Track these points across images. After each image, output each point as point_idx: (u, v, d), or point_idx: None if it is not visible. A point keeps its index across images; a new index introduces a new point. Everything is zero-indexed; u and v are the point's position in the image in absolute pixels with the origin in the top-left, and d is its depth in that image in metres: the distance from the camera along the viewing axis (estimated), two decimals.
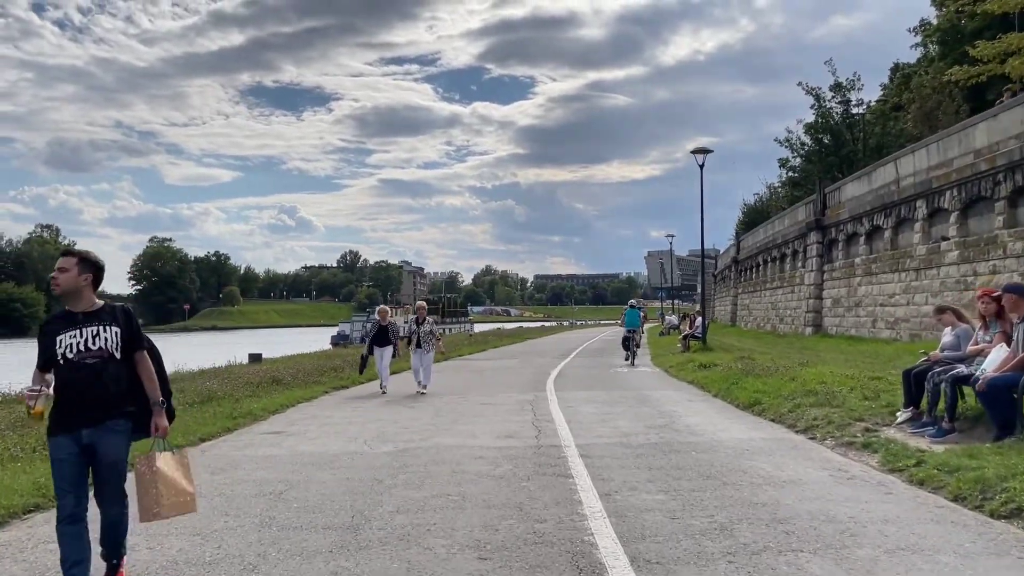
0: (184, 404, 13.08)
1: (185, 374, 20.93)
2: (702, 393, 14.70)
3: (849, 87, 43.24)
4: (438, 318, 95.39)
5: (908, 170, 24.50)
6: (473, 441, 9.68)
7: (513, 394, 15.36)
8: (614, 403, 13.39)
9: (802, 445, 8.93)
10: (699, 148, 26.09)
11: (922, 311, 23.09)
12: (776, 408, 11.14)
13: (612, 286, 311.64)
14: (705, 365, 18.92)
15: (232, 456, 9.14)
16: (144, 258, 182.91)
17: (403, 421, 11.68)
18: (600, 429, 10.45)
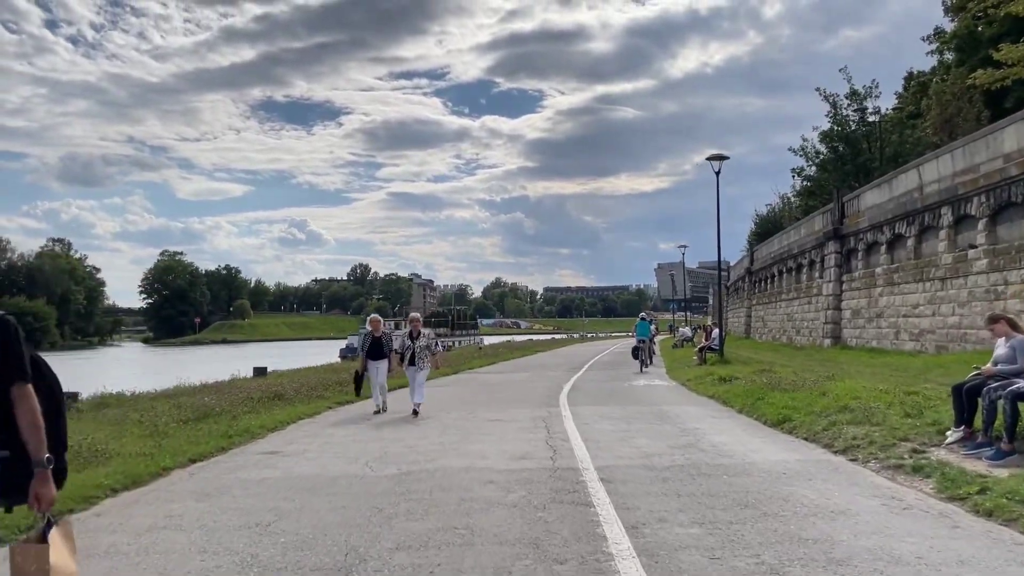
0: (178, 421, 12.45)
1: (186, 388, 20.27)
2: (725, 409, 13.90)
3: (866, 94, 42.35)
4: (447, 330, 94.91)
5: (932, 176, 23.69)
6: (483, 463, 8.94)
7: (525, 410, 14.60)
8: (632, 420, 12.61)
9: (844, 468, 8.15)
10: (715, 155, 25.36)
11: (948, 322, 22.25)
12: (809, 426, 10.35)
13: (622, 298, 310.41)
14: (725, 379, 18.13)
15: (222, 479, 8.42)
16: (155, 272, 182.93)
17: (408, 440, 10.94)
18: (620, 449, 9.69)
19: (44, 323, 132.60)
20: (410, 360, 14.32)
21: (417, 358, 14.29)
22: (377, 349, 14.71)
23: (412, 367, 14.28)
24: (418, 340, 14.48)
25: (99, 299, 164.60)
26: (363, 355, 15.02)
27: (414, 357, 14.29)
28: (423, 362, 14.38)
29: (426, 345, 14.54)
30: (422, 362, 14.35)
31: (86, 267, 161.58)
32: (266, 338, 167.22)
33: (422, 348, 14.42)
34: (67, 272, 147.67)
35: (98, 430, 11.50)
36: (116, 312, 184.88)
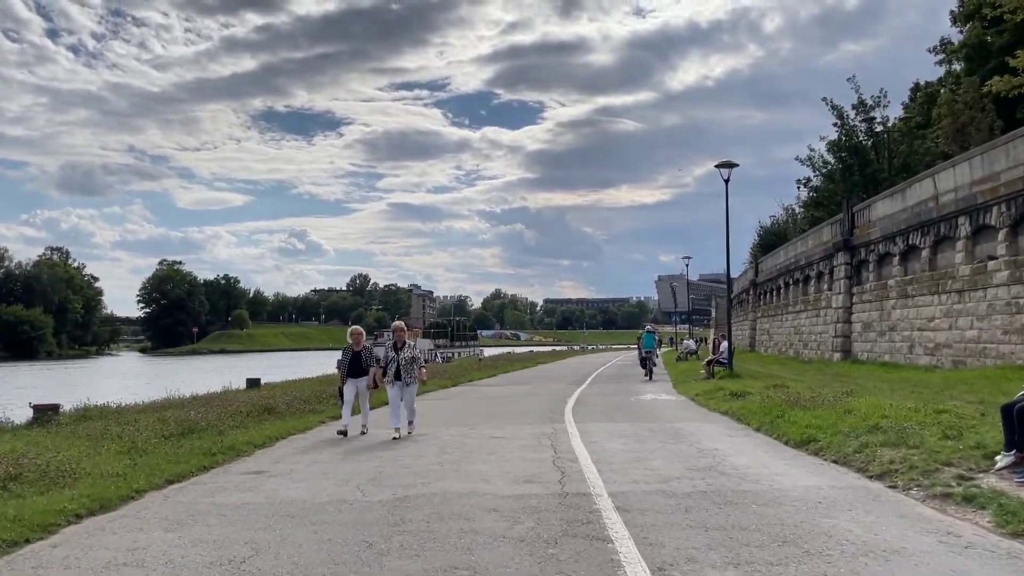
0: (160, 436, 11.69)
1: (175, 401, 19.49)
2: (741, 427, 13.12)
3: (874, 104, 41.73)
4: (447, 342, 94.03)
5: (948, 185, 22.97)
6: (485, 487, 8.16)
7: (528, 426, 13.83)
8: (644, 438, 11.84)
9: (884, 496, 7.37)
10: (724, 162, 24.64)
11: (966, 336, 21.50)
12: (838, 447, 9.57)
13: (622, 310, 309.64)
14: (737, 394, 17.35)
15: (198, 504, 7.64)
16: (153, 281, 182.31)
17: (405, 459, 10.17)
18: (634, 471, 8.91)
19: (41, 332, 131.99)
20: (395, 375, 12.60)
21: (404, 372, 12.57)
22: (357, 364, 13.03)
23: (397, 383, 12.59)
24: (403, 352, 12.73)
25: (97, 308, 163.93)
26: (342, 373, 13.08)
27: (400, 371, 12.57)
28: (411, 377, 12.66)
29: (412, 357, 12.78)
30: (410, 377, 12.63)
31: (84, 276, 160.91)
32: (264, 348, 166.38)
33: (408, 361, 12.66)
34: (65, 281, 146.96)
35: (72, 446, 10.74)
36: (114, 321, 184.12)
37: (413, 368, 12.75)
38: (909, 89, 54.68)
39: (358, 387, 13.02)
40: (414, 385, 12.81)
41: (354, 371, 13.01)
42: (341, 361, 13.17)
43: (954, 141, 32.58)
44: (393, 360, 12.69)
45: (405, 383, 12.62)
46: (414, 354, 12.97)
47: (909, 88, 54.71)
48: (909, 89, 54.68)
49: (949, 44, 47.63)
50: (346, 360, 13.09)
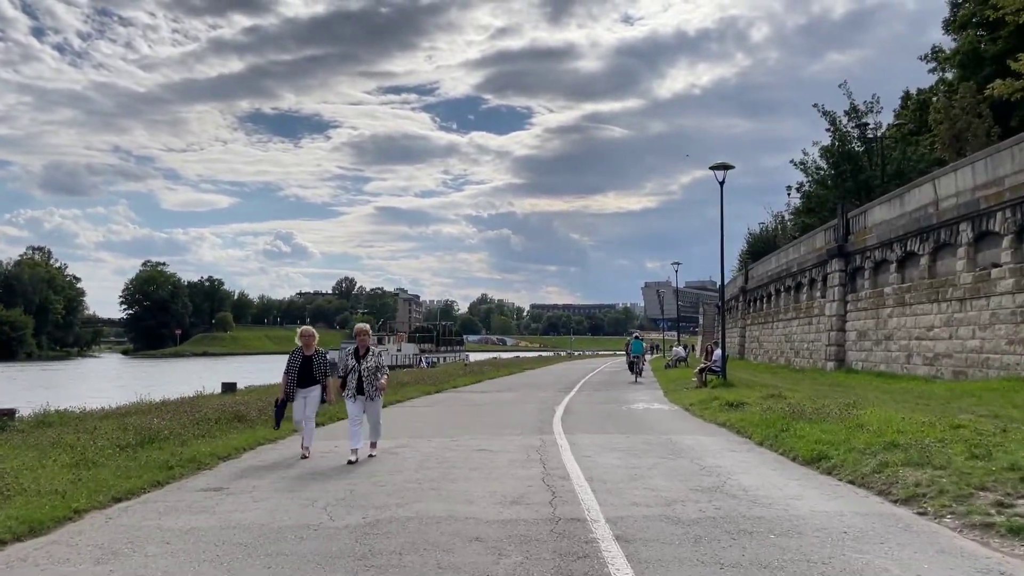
0: (115, 447, 10.74)
1: (143, 406, 18.51)
2: (742, 440, 12.30)
3: (867, 110, 41.24)
4: (432, 346, 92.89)
5: (949, 190, 22.32)
6: (467, 509, 7.31)
7: (515, 437, 12.97)
8: (640, 452, 11.00)
9: (916, 526, 6.56)
10: (719, 164, 23.90)
11: (968, 346, 20.82)
12: (853, 466, 8.76)
13: (609, 317, 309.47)
14: (733, 404, 16.56)
15: (141, 528, 6.75)
16: (136, 282, 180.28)
17: (380, 475, 9.29)
18: (632, 492, 8.07)
19: (21, 333, 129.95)
20: (357, 387, 10.63)
21: (367, 384, 10.61)
22: (307, 372, 10.93)
23: (359, 397, 10.64)
24: (367, 360, 10.75)
25: (79, 309, 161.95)
26: (288, 379, 10.98)
27: (362, 383, 10.62)
28: (374, 389, 10.68)
29: (377, 366, 10.73)
30: (373, 390, 10.67)
31: (66, 276, 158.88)
32: (248, 351, 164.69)
33: (372, 371, 10.68)
34: (46, 281, 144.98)
35: (16, 457, 9.84)
36: (96, 322, 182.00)
37: (377, 379, 10.72)
38: (900, 97, 54.50)
39: (307, 400, 10.92)
40: (380, 399, 10.91)
41: (304, 380, 10.92)
42: (289, 368, 10.98)
43: (951, 147, 32.01)
44: (354, 370, 10.68)
45: (369, 396, 10.67)
46: (379, 362, 10.87)
47: (900, 96, 54.59)
48: (900, 97, 54.50)
49: (941, 52, 47.32)
50: (295, 366, 10.90)
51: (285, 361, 11.13)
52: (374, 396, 10.77)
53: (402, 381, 27.63)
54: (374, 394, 10.75)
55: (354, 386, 10.70)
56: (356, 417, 10.60)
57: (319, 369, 10.94)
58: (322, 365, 10.98)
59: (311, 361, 10.95)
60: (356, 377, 10.70)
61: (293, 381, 10.90)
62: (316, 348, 11.09)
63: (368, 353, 10.84)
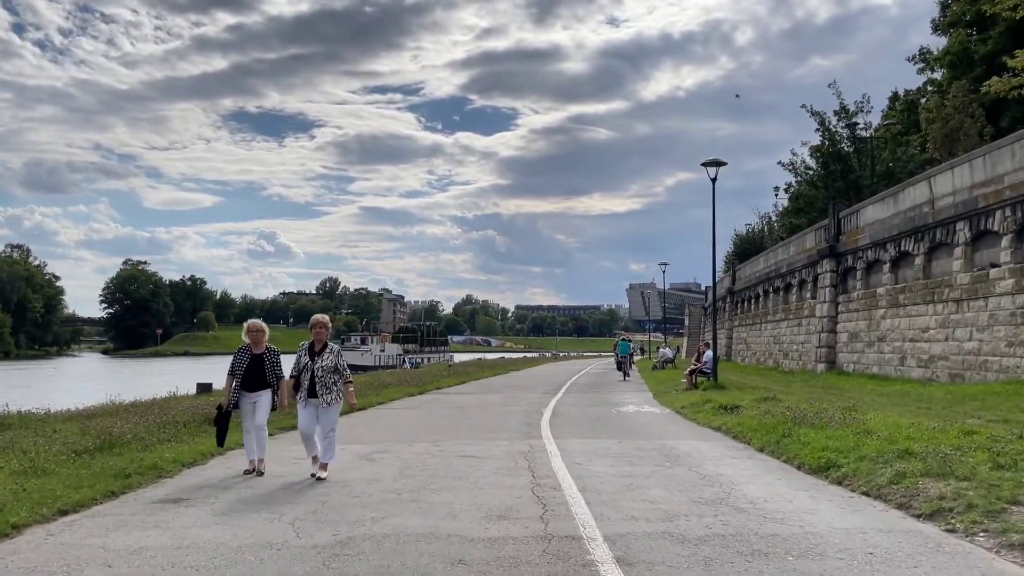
0: (71, 452, 9.98)
1: (112, 407, 17.73)
2: (741, 446, 11.66)
3: (857, 110, 40.84)
4: (417, 347, 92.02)
5: (946, 189, 21.82)
6: (450, 525, 6.61)
7: (502, 441, 12.28)
8: (634, 459, 10.34)
9: (947, 545, 5.92)
10: (711, 160, 23.31)
11: (965, 348, 20.31)
12: (867, 476, 8.12)
13: (593, 318, 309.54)
14: (727, 407, 15.93)
15: (83, 548, 6.01)
16: (117, 281, 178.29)
17: (355, 484, 8.57)
18: (630, 504, 7.40)
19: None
20: (310, 390, 9.09)
21: (320, 387, 9.02)
22: (257, 374, 9.33)
23: (311, 401, 9.11)
24: (322, 358, 9.18)
25: (58, 308, 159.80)
26: (233, 381, 9.34)
27: (315, 386, 9.06)
28: (330, 394, 9.06)
29: (334, 366, 9.17)
30: (328, 393, 9.05)
31: (45, 274, 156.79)
32: (230, 351, 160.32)
33: (328, 371, 9.11)
34: (24, 279, 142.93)
35: None
36: (76, 322, 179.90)
37: (334, 381, 9.12)
38: (888, 99, 54.31)
39: (257, 406, 9.28)
40: (336, 406, 9.16)
41: (252, 382, 9.30)
42: (234, 368, 9.37)
43: (943, 147, 31.62)
44: (307, 369, 9.13)
45: (324, 402, 9.05)
46: (337, 362, 9.21)
47: (887, 98, 54.40)
48: (888, 99, 54.31)
49: (928, 53, 47.12)
50: (241, 367, 9.31)
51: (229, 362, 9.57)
52: (330, 401, 9.08)
53: (385, 382, 26.89)
54: (329, 399, 9.06)
55: (306, 388, 9.10)
56: (309, 427, 9.12)
57: (271, 370, 9.35)
58: (274, 365, 9.38)
59: (261, 361, 9.35)
60: (310, 378, 9.09)
61: (239, 384, 9.28)
62: (267, 345, 9.51)
63: (325, 350, 9.21)
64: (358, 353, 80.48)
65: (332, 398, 9.11)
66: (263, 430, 9.36)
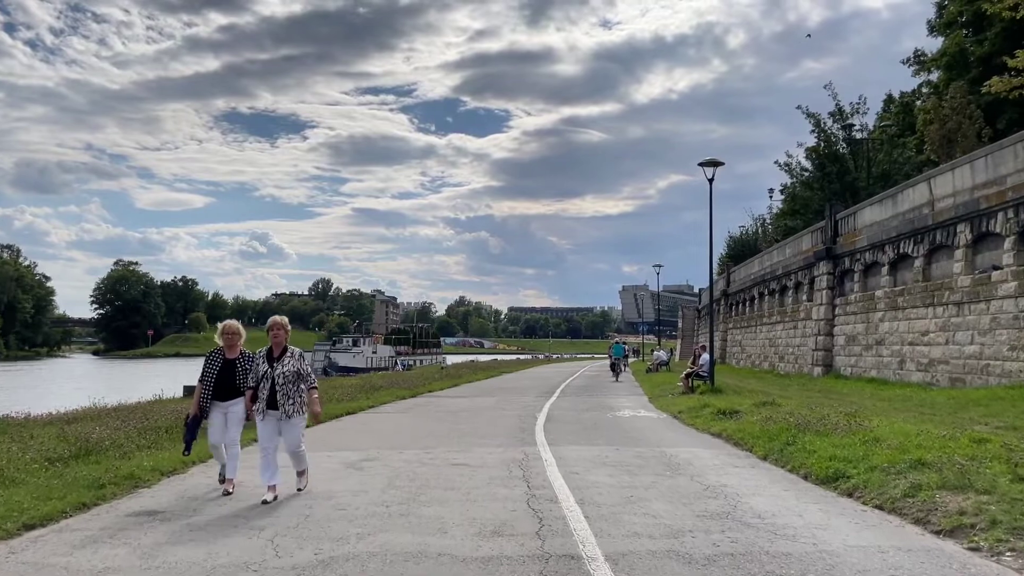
0: (44, 460, 9.52)
1: (95, 411, 17.30)
2: (743, 454, 11.27)
3: (853, 111, 40.60)
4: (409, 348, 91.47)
5: (946, 190, 21.49)
6: (440, 542, 6.20)
7: (495, 448, 11.87)
8: (633, 468, 9.93)
9: (973, 566, 5.52)
10: (709, 160, 22.96)
11: (966, 351, 19.97)
12: (879, 488, 7.74)
13: (586, 320, 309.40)
14: (725, 412, 15.56)
15: (45, 568, 5.60)
16: (108, 282, 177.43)
17: (340, 496, 8.14)
18: (631, 519, 7.00)
19: None
20: (270, 400, 8.08)
21: (282, 396, 8.03)
22: (230, 381, 8.39)
23: (271, 413, 8.11)
24: (282, 363, 8.15)
25: (48, 308, 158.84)
26: (204, 389, 8.43)
27: (275, 396, 8.06)
28: (292, 404, 8.07)
29: (296, 373, 8.13)
30: (290, 404, 8.05)
31: (35, 275, 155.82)
32: None
33: (289, 378, 8.08)
34: (14, 280, 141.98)
35: None
36: (67, 323, 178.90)
37: (297, 389, 8.12)
38: (882, 101, 54.09)
39: (228, 416, 8.39)
40: (300, 419, 8.19)
41: (224, 391, 8.39)
42: (205, 374, 8.45)
43: (940, 148, 31.33)
44: (266, 377, 8.11)
45: (285, 414, 8.05)
46: (300, 367, 8.19)
47: (882, 100, 54.18)
48: (882, 101, 54.09)
49: (923, 55, 46.89)
50: (212, 372, 8.41)
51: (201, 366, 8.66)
52: (292, 413, 8.05)
53: (376, 385, 26.47)
54: (291, 410, 8.04)
55: (265, 399, 8.06)
56: (269, 443, 8.09)
57: (244, 377, 8.37)
58: (247, 373, 8.37)
59: (234, 366, 8.41)
60: (269, 387, 8.04)
61: (209, 391, 8.39)
62: (241, 349, 8.56)
63: (285, 355, 8.18)
64: (350, 355, 79.95)
65: (295, 409, 8.08)
66: (235, 446, 8.41)
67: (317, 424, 7.91)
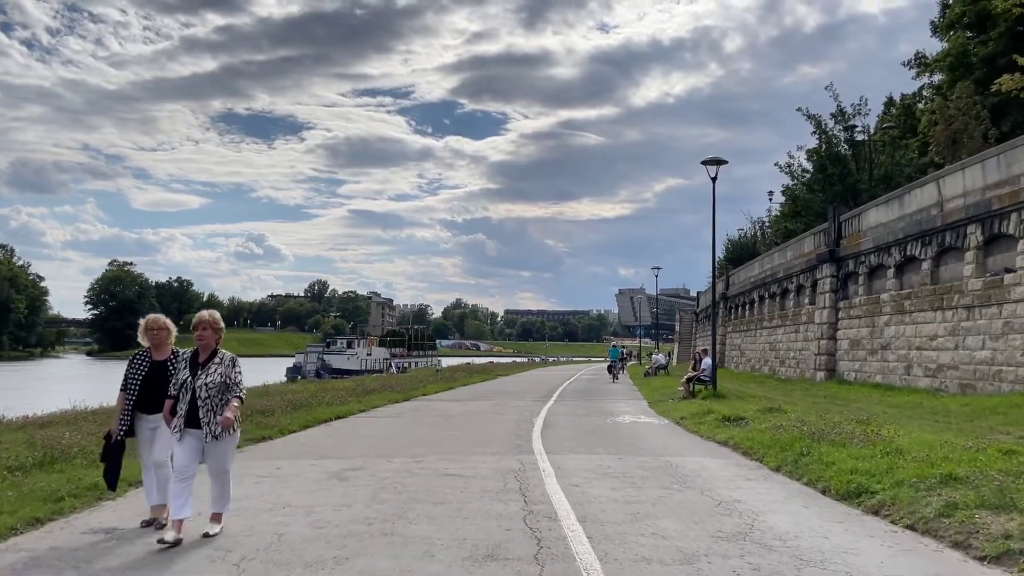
0: (2, 469, 8.82)
1: (74, 414, 16.59)
2: (754, 465, 10.59)
3: (854, 113, 40.01)
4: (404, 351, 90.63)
5: (956, 191, 20.88)
6: (426, 568, 5.53)
7: (489, 457, 11.19)
8: (638, 480, 9.26)
9: None
10: (712, 158, 22.33)
11: (976, 357, 19.35)
12: (909, 506, 7.07)
13: (583, 323, 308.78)
14: (730, 418, 14.91)
15: None
16: (102, 282, 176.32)
17: (320, 511, 7.45)
18: (639, 540, 6.33)
19: None
20: (188, 416, 6.45)
21: (205, 412, 6.44)
22: (158, 389, 6.77)
23: (192, 432, 6.45)
24: (207, 371, 6.56)
25: (42, 309, 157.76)
26: (127, 400, 6.82)
27: (197, 408, 6.44)
28: (215, 422, 6.45)
29: (224, 383, 6.55)
30: (216, 424, 6.45)
31: (29, 275, 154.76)
32: None
33: (215, 389, 6.49)
34: (8, 280, 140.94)
35: None
36: (61, 323, 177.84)
37: (225, 403, 6.51)
38: (883, 104, 53.58)
39: (157, 434, 6.80)
40: (230, 440, 6.57)
41: (151, 401, 6.77)
42: (127, 382, 6.86)
43: (946, 149, 30.75)
44: (186, 388, 6.50)
45: (209, 433, 6.43)
46: (229, 375, 6.58)
47: (882, 103, 53.67)
48: (883, 104, 53.58)
49: (924, 58, 46.39)
50: (136, 379, 6.83)
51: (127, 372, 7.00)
52: (219, 434, 6.43)
53: (368, 388, 25.77)
54: (218, 430, 6.42)
55: (184, 414, 6.45)
56: (186, 465, 6.41)
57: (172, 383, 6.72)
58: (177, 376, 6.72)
59: (165, 369, 6.84)
60: (189, 398, 6.46)
61: (131, 403, 6.78)
62: (173, 349, 7.03)
63: (213, 359, 6.59)
64: (344, 357, 79.20)
65: (222, 431, 6.45)
66: (165, 467, 6.76)
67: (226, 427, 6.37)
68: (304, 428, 14.97)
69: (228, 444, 6.60)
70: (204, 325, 6.71)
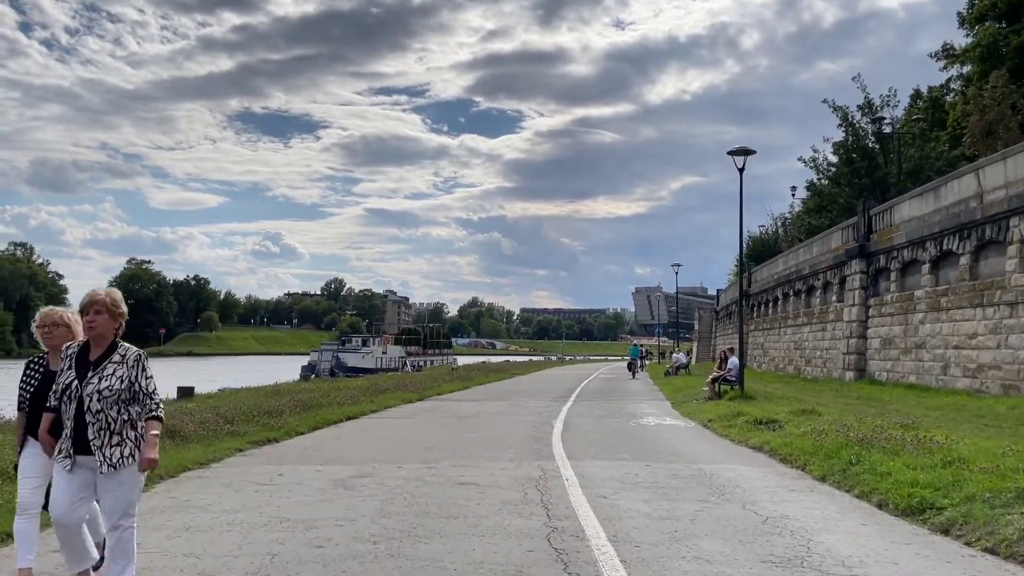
0: None
1: None
2: (796, 473, 9.72)
3: (883, 104, 38.89)
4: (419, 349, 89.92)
5: (997, 181, 19.87)
6: None
7: (507, 463, 10.40)
8: (670, 490, 8.43)
9: None
10: (739, 149, 21.47)
11: (1020, 356, 18.33)
12: (987, 526, 6.20)
13: (599, 321, 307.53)
14: (762, 421, 14.04)
15: None
16: (120, 280, 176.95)
17: (321, 526, 6.68)
18: (679, 565, 5.51)
19: (0, 329, 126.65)
20: (75, 438, 4.46)
21: (95, 431, 4.44)
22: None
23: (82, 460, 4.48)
24: (102, 372, 4.55)
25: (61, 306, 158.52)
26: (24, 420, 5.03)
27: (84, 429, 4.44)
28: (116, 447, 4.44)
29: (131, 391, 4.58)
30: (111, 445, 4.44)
31: (48, 273, 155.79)
32: (233, 352, 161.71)
33: (111, 398, 4.48)
34: (27, 277, 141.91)
35: None
36: None
37: (127, 420, 4.54)
38: (909, 96, 52.33)
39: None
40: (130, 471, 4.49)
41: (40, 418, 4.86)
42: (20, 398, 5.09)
43: (981, 140, 29.66)
44: (71, 396, 4.52)
45: (105, 462, 4.44)
46: (135, 379, 4.61)
47: (909, 96, 52.41)
48: (909, 96, 52.33)
49: (952, 49, 45.22)
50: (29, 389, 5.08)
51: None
52: (116, 462, 4.45)
53: (382, 387, 25.04)
54: (114, 456, 4.46)
55: (69, 435, 4.48)
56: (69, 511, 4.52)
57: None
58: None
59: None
60: (73, 411, 4.49)
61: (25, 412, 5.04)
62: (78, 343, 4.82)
63: (111, 357, 4.62)
64: (359, 355, 78.53)
65: (119, 455, 4.46)
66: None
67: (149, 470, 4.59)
68: (313, 430, 14.27)
69: (131, 478, 4.52)
70: (98, 307, 4.60)
